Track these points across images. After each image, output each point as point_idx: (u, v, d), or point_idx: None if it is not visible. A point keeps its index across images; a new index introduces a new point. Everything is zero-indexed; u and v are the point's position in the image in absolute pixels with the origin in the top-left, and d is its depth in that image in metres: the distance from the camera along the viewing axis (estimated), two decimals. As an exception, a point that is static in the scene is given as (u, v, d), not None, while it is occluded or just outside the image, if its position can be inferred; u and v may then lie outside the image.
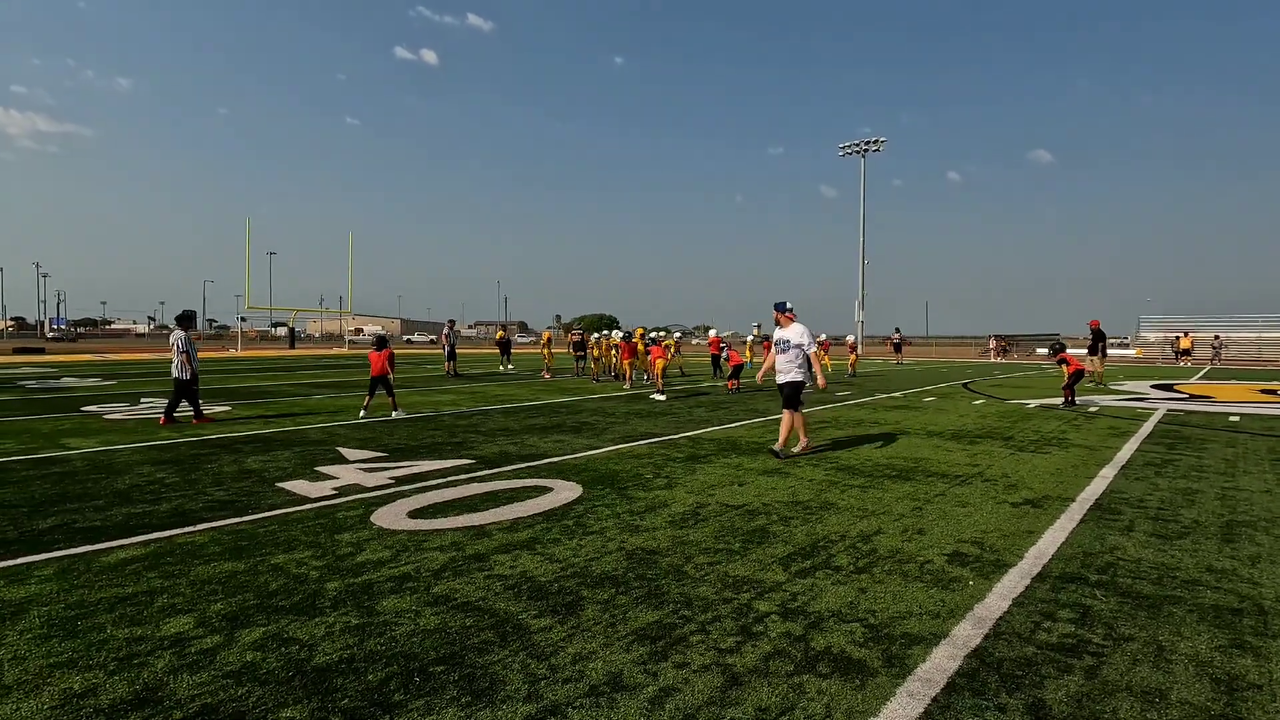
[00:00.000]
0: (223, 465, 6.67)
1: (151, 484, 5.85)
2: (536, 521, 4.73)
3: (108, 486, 5.75)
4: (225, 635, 2.95)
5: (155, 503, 5.21)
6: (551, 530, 4.53)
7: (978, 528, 4.61)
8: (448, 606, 3.27)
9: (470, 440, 8.25)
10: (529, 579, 3.63)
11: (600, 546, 4.19)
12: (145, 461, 6.85)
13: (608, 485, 5.85)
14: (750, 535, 4.43)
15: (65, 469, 6.47)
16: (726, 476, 6.22)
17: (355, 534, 4.42)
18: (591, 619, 3.13)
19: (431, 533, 4.45)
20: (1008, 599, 3.38)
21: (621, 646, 2.85)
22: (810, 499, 5.40)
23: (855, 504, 5.25)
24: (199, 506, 5.11)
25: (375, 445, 7.88)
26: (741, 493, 5.60)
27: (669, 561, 3.92)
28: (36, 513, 4.92)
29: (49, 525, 4.61)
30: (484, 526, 4.60)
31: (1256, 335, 46.00)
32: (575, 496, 5.44)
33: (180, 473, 6.31)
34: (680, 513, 4.98)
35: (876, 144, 60.01)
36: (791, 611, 3.23)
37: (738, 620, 3.13)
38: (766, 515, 4.91)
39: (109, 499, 5.33)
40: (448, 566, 3.81)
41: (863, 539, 4.36)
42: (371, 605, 3.27)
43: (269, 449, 7.60)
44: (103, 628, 3.02)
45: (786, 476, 6.24)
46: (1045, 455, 7.34)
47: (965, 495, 5.53)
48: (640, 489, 5.71)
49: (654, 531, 4.51)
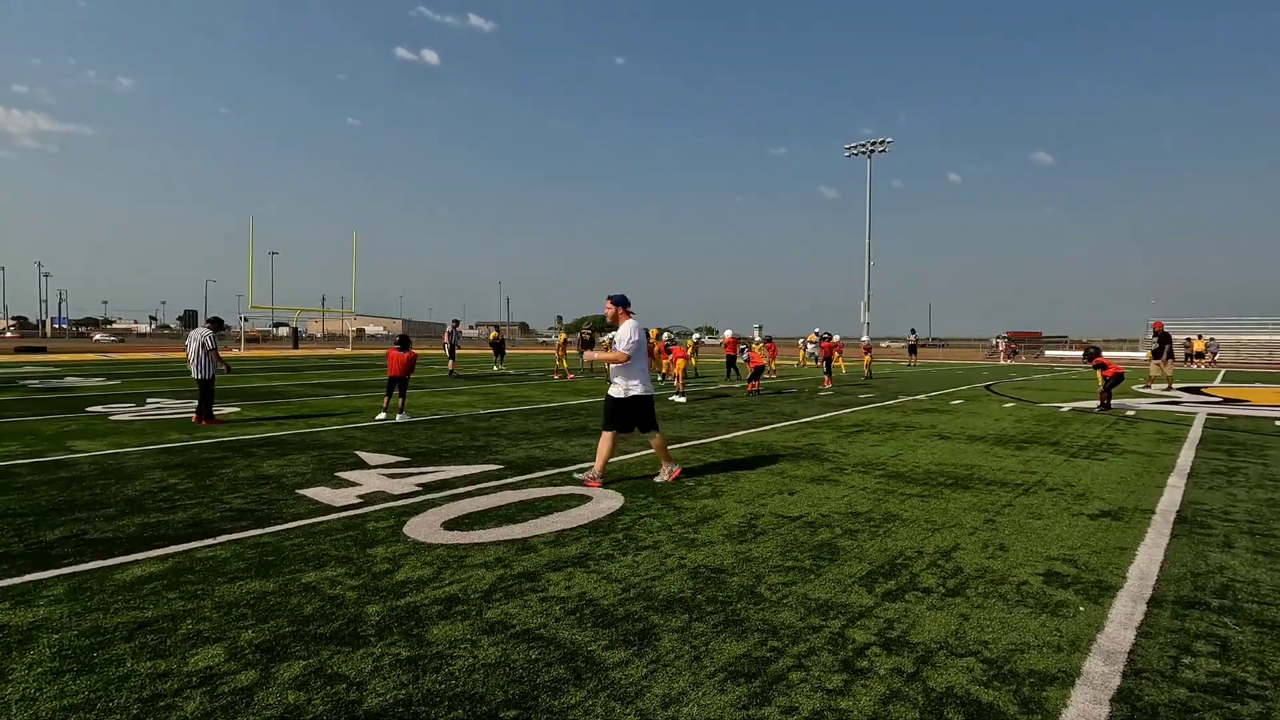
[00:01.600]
0: (238, 470, 6.32)
1: (164, 490, 5.51)
2: (582, 534, 4.38)
3: (118, 493, 5.41)
4: (261, 670, 2.60)
5: (170, 511, 4.87)
6: (601, 544, 4.18)
7: (1063, 543, 4.26)
8: (506, 635, 2.92)
9: (493, 444, 7.91)
10: (589, 602, 3.29)
11: (659, 564, 3.84)
12: (156, 466, 6.51)
13: (649, 493, 5.50)
14: (819, 551, 4.08)
15: (72, 474, 6.13)
16: (773, 484, 5.86)
17: (389, 548, 4.08)
18: (670, 651, 2.78)
19: (471, 547, 4.10)
20: (1130, 628, 3.02)
21: (714, 686, 2.50)
22: (869, 510, 5.05)
23: (920, 515, 4.89)
24: (216, 516, 4.77)
25: (395, 449, 7.54)
26: (794, 502, 5.25)
27: (739, 581, 3.57)
28: (43, 522, 4.57)
29: (57, 537, 4.26)
30: (527, 540, 4.25)
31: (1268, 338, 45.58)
32: (618, 506, 5.09)
33: (194, 478, 5.97)
34: (735, 525, 4.63)
35: (883, 144, 59.63)
36: (893, 642, 2.87)
37: (835, 653, 2.78)
38: (829, 528, 4.56)
39: (120, 507, 4.98)
40: (497, 587, 3.46)
41: (942, 556, 4.01)
42: (420, 634, 2.92)
43: (284, 452, 7.25)
44: (121, 660, 2.67)
45: (836, 485, 5.88)
46: (1102, 462, 6.98)
47: (1035, 506, 5.18)
48: (685, 498, 5.36)
49: (712, 546, 4.16)
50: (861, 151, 60.30)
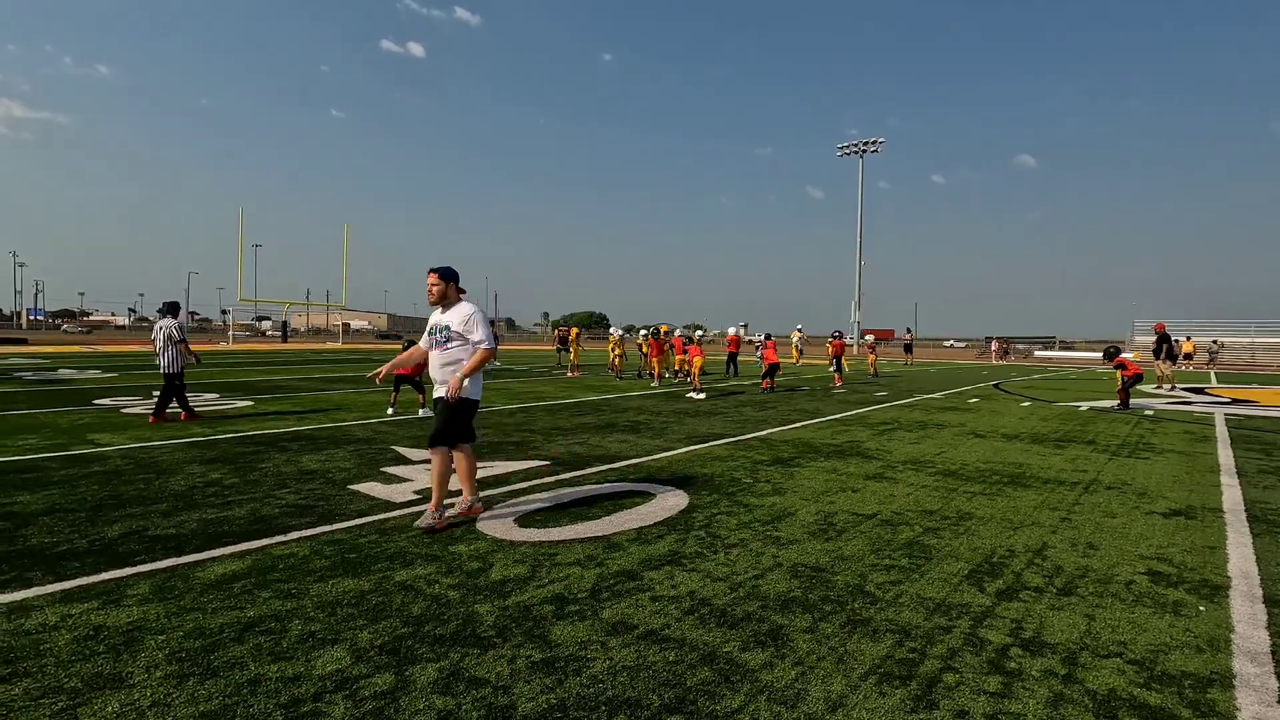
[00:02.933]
0: (278, 465, 6.15)
1: (210, 485, 5.33)
2: (663, 531, 4.29)
3: (163, 488, 5.22)
4: (395, 673, 2.48)
5: (225, 507, 4.70)
6: (686, 541, 4.09)
7: (1149, 541, 4.23)
8: (632, 636, 2.82)
9: (530, 440, 7.78)
10: (702, 601, 3.20)
11: (753, 562, 3.76)
12: (192, 460, 6.31)
13: (710, 490, 5.42)
14: (909, 549, 4.02)
15: (107, 468, 5.92)
16: (831, 482, 5.80)
17: (470, 545, 3.96)
18: (810, 653, 2.70)
19: (556, 544, 4.00)
20: (1260, 628, 2.99)
21: (873, 689, 2.43)
22: (940, 508, 5.00)
23: (992, 513, 4.86)
24: (275, 512, 4.62)
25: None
26: (860, 500, 5.19)
27: (844, 581, 3.50)
28: (98, 518, 4.40)
29: (118, 533, 4.09)
30: (609, 537, 4.15)
31: (1249, 340, 46.40)
32: (685, 503, 5.00)
33: (236, 473, 5.79)
34: (812, 522, 4.56)
35: (874, 145, 59.92)
36: (1030, 643, 2.82)
37: (977, 654, 2.71)
38: (907, 526, 4.51)
39: (172, 502, 4.81)
40: (601, 586, 3.36)
41: (1035, 554, 3.96)
42: (544, 635, 2.82)
43: (319, 447, 7.08)
44: (242, 663, 2.55)
45: (895, 482, 5.83)
46: (1145, 460, 7.00)
47: (1103, 504, 5.16)
48: (748, 495, 5.29)
49: (800, 545, 4.08)
50: (854, 151, 60.54)
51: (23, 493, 5.01)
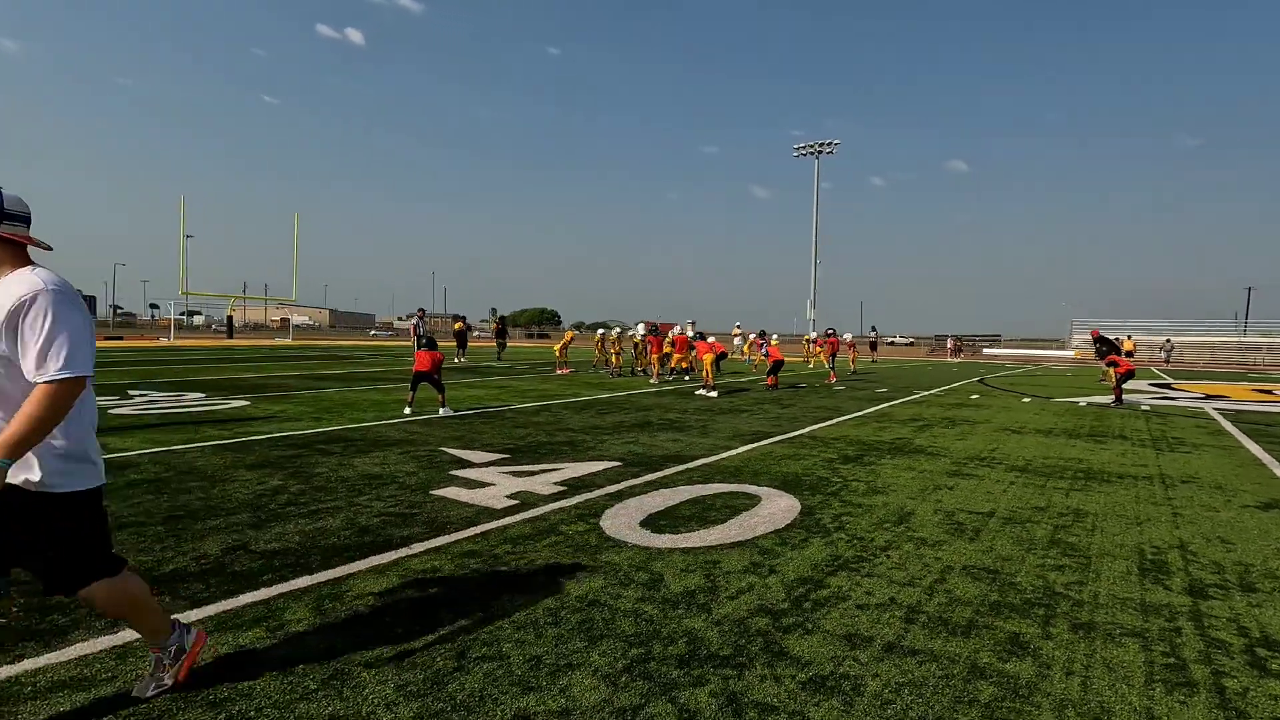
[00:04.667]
0: (334, 470, 5.72)
1: (277, 493, 4.90)
2: (801, 535, 4.15)
3: (227, 497, 4.77)
4: (669, 700, 2.26)
5: (314, 517, 4.31)
6: (835, 545, 3.96)
7: (1272, 536, 4.33)
8: (877, 649, 2.68)
9: (579, 440, 7.51)
10: (913, 609, 3.07)
11: (921, 566, 3.66)
12: (234, 466, 5.81)
13: (809, 490, 5.30)
14: (1061, 549, 3.99)
15: (146, 475, 5.38)
16: (920, 480, 5.77)
17: (619, 554, 3.73)
18: (1070, 659, 2.61)
19: (707, 550, 3.80)
20: None
21: (1166, 696, 2.35)
22: (1046, 504, 5.03)
23: (1102, 509, 4.91)
24: (375, 521, 4.26)
25: (482, 445, 7.04)
26: (965, 498, 5.17)
27: (1028, 582, 3.44)
28: (181, 533, 3.96)
29: (219, 549, 3.69)
30: (754, 541, 3.99)
31: (1164, 339, 49.35)
32: (796, 504, 4.87)
33: (294, 478, 5.35)
34: (939, 522, 4.50)
35: (829, 146, 61.10)
36: (1271, 643, 2.80)
37: (1229, 655, 2.67)
38: (1034, 524, 4.50)
39: (250, 513, 4.39)
40: (794, 595, 3.20)
41: (1183, 551, 4.00)
42: (785, 651, 2.64)
43: (360, 450, 6.64)
44: (493, 697, 2.28)
45: (978, 479, 5.85)
46: (1188, 454, 7.26)
47: (1193, 498, 5.29)
48: (850, 494, 5.20)
49: (949, 545, 4.01)
50: (810, 152, 61.56)
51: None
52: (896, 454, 6.98)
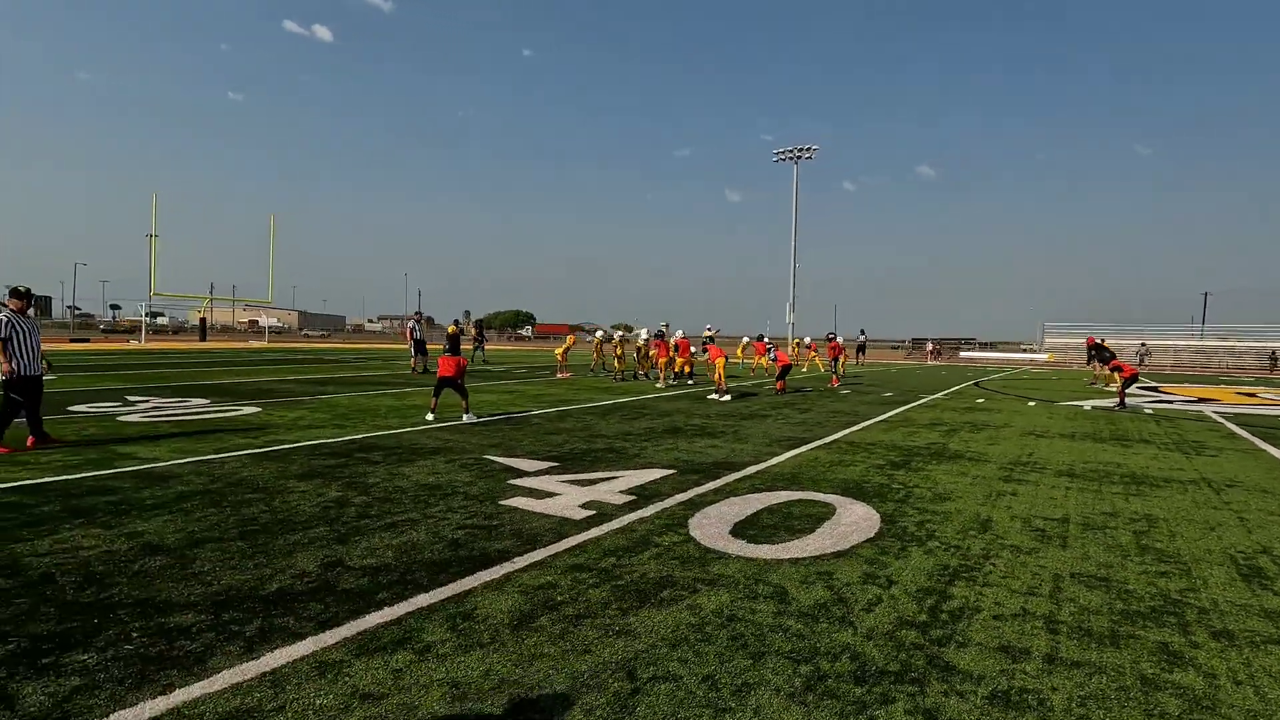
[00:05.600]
0: (388, 480, 5.57)
1: (342, 504, 4.75)
2: (892, 544, 4.15)
3: (294, 509, 4.61)
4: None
5: (396, 531, 4.19)
6: (933, 554, 3.97)
7: (1341, 538, 4.46)
8: (1039, 660, 2.67)
9: (620, 447, 7.44)
10: (1050, 620, 3.08)
11: (1031, 575, 3.68)
12: (283, 476, 5.62)
13: (876, 497, 5.32)
14: (1154, 554, 4.06)
15: (193, 486, 5.17)
16: (978, 487, 5.83)
17: (729, 565, 3.68)
18: (1235, 670, 2.63)
19: (813, 560, 3.78)
20: None
21: (1349, 706, 2.38)
22: (1111, 509, 5.11)
23: (1170, 514, 5.00)
24: (460, 534, 4.15)
25: (524, 453, 6.93)
26: (1031, 504, 5.23)
27: (1141, 589, 3.48)
28: (266, 549, 3.81)
29: (316, 565, 3.55)
30: (852, 551, 3.97)
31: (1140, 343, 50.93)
32: (872, 512, 4.88)
33: (351, 489, 5.19)
34: (1021, 529, 4.54)
35: (809, 151, 61.84)
36: (1404, 647, 2.86)
37: (1374, 662, 2.72)
38: (1112, 530, 4.56)
39: (326, 526, 4.24)
40: (928, 606, 3.19)
41: (1264, 554, 4.09)
42: (953, 665, 2.63)
43: (403, 459, 6.48)
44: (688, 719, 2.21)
45: (1033, 485, 5.93)
46: (1216, 458, 7.46)
47: (1248, 503, 5.44)
48: (918, 501, 5.22)
49: (1044, 553, 4.05)
50: (790, 157, 62.15)
51: (133, 521, 4.29)
52: (939, 459, 7.04)
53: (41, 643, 2.65)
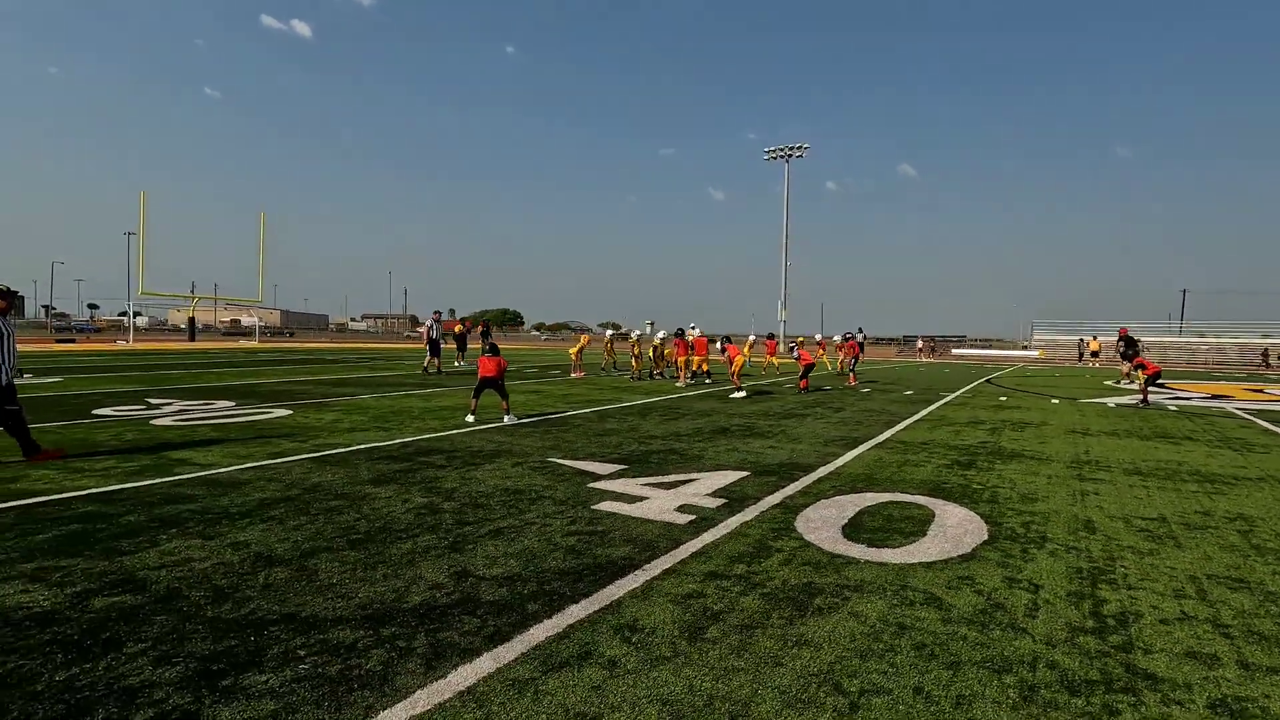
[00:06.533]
0: (462, 484, 5.45)
1: (433, 510, 4.64)
2: (1010, 549, 4.12)
3: (385, 515, 4.49)
4: (1109, 733, 2.17)
5: (504, 538, 4.08)
6: (1057, 556, 3.94)
7: None
8: (1249, 669, 2.64)
9: (677, 448, 7.36)
10: (1218, 624, 3.06)
11: (1169, 577, 3.67)
12: (354, 481, 5.48)
13: (964, 498, 5.29)
14: (1272, 553, 4.06)
15: (268, 493, 5.02)
16: (1055, 486, 5.83)
17: (861, 570, 3.63)
18: None
19: (945, 564, 3.74)
20: None
21: None
22: (1202, 508, 5.13)
23: (1264, 513, 5.03)
24: (573, 541, 4.06)
25: (586, 455, 6.83)
26: (1117, 503, 5.23)
27: (1285, 590, 3.46)
28: (378, 558, 3.69)
29: (449, 574, 3.45)
30: (976, 553, 3.93)
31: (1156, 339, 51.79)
32: (973, 514, 4.85)
33: (432, 494, 5.07)
34: (1124, 529, 4.53)
35: (799, 150, 62.10)
36: None
37: None
38: (1216, 529, 4.57)
39: (429, 535, 4.13)
40: (1091, 611, 3.16)
41: (1380, 553, 4.11)
42: (1150, 672, 2.59)
43: (468, 462, 6.36)
44: None
45: (1108, 483, 5.94)
46: (1265, 454, 7.54)
47: (1326, 499, 5.47)
48: (1007, 501, 5.21)
49: (1163, 555, 4.04)
50: (780, 156, 62.54)
51: (229, 530, 4.14)
52: (1002, 459, 7.04)
53: (209, 663, 2.53)
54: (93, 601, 3.06)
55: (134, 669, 2.47)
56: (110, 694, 2.31)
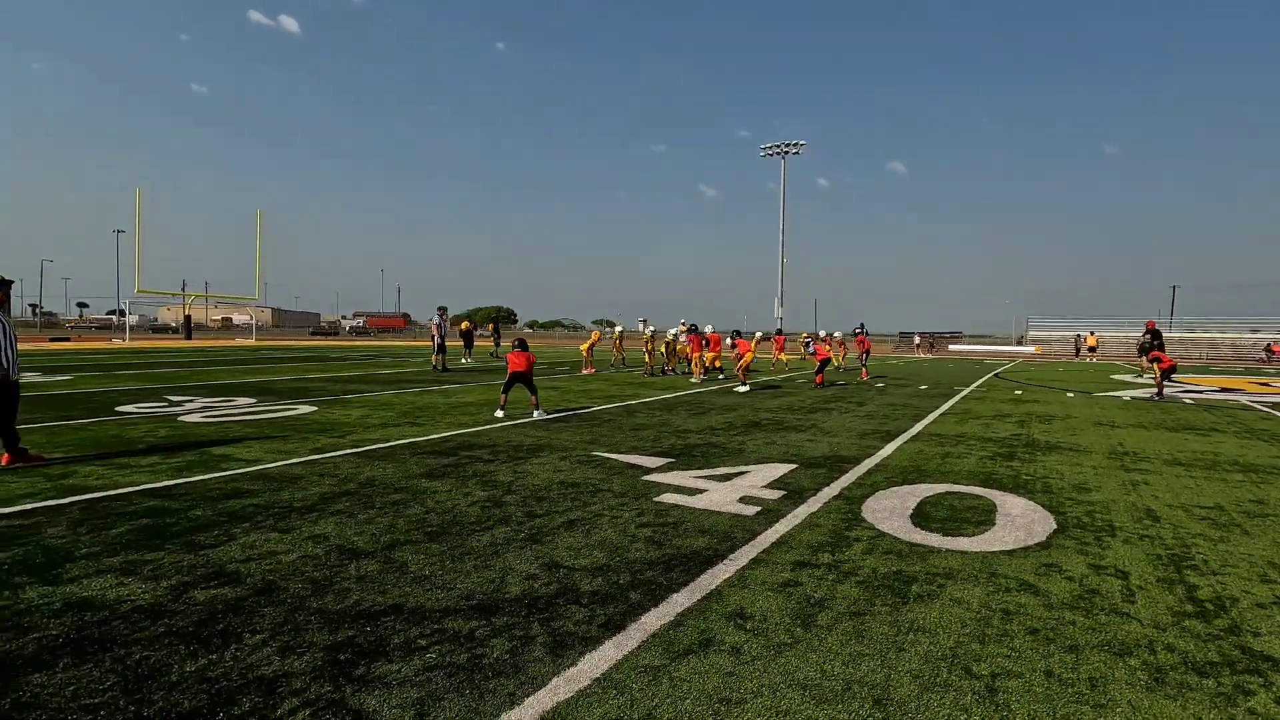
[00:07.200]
0: (516, 479, 5.44)
1: (495, 504, 4.63)
2: (1085, 535, 4.16)
3: (450, 510, 4.48)
4: None
5: (576, 530, 4.09)
6: (1131, 542, 3.98)
7: None
8: (1348, 648, 2.67)
9: (717, 442, 7.37)
10: (1311, 605, 3.09)
11: (1249, 564, 3.71)
12: (408, 475, 5.46)
13: (1020, 489, 5.33)
14: (1339, 540, 4.11)
15: (325, 488, 5.00)
16: (1104, 476, 5.88)
17: (944, 559, 3.65)
18: None
19: (1026, 552, 3.77)
20: None
21: None
22: (1254, 497, 5.19)
23: (1310, 501, 5.08)
24: (648, 532, 4.07)
25: (628, 449, 6.83)
26: (1171, 491, 5.28)
27: (1366, 575, 3.51)
28: (461, 550, 3.69)
29: (537, 568, 3.45)
30: (1051, 542, 3.96)
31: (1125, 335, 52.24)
32: (1035, 505, 4.88)
33: (490, 487, 5.06)
34: (1187, 517, 4.58)
35: (796, 146, 62.14)
36: None
37: None
38: (1273, 518, 4.62)
39: (503, 526, 4.13)
40: (1187, 596, 3.19)
41: None
42: (1276, 658, 2.61)
43: (514, 457, 6.35)
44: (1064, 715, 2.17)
45: (1155, 474, 6.00)
46: (1297, 446, 7.63)
47: (1372, 488, 5.54)
48: (1061, 492, 5.24)
49: (1234, 540, 4.09)
50: (777, 153, 62.44)
51: (302, 524, 4.12)
52: (1040, 450, 7.09)
53: (334, 653, 2.52)
54: (193, 594, 3.04)
55: (262, 659, 2.46)
56: (248, 684, 2.29)
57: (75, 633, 2.65)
